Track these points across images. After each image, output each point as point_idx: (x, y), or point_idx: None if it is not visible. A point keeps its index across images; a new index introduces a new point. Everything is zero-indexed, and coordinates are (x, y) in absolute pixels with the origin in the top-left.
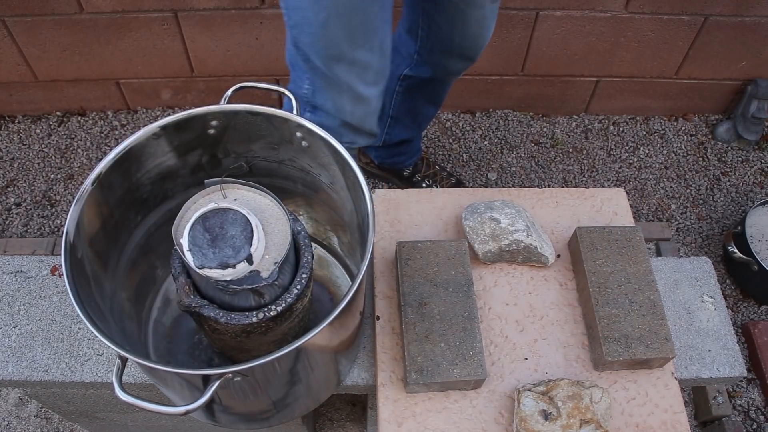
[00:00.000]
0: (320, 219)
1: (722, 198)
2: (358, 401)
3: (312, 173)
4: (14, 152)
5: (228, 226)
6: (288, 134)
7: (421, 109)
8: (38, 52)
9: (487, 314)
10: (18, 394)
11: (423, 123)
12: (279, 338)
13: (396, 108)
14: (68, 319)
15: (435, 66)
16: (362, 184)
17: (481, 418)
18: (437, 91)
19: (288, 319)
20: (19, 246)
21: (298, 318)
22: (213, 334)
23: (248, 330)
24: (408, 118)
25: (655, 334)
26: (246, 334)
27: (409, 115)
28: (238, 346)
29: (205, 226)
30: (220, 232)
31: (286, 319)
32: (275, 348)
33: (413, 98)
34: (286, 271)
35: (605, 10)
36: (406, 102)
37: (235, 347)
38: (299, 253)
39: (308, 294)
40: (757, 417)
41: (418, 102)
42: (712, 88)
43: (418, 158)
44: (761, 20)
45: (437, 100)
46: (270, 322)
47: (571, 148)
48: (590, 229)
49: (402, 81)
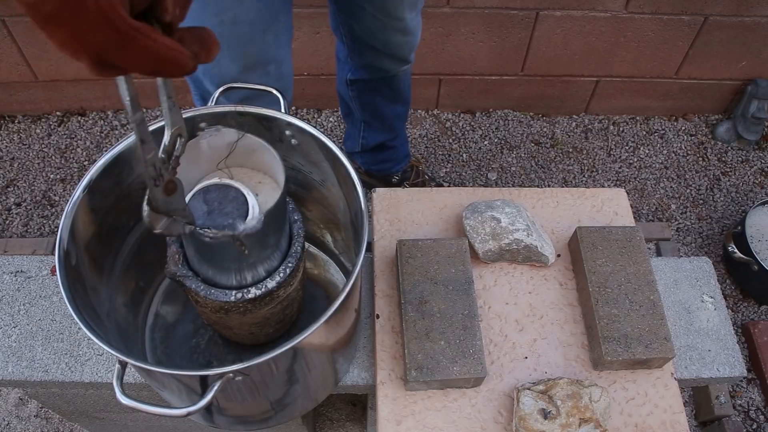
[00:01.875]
0: (313, 217)
1: (722, 198)
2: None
3: (303, 171)
4: (14, 152)
5: (226, 203)
6: (277, 133)
7: (386, 110)
8: (38, 52)
9: (487, 313)
10: (18, 394)
11: (395, 123)
12: (260, 321)
13: (362, 112)
14: (68, 319)
15: (370, 68)
16: (354, 180)
17: (480, 416)
18: (392, 90)
19: (268, 304)
20: (19, 246)
21: (282, 306)
22: (197, 305)
23: (226, 308)
24: (376, 120)
25: (654, 334)
26: (224, 311)
27: (377, 118)
28: (219, 321)
29: (205, 198)
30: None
31: (266, 304)
32: (257, 329)
33: (372, 100)
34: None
35: (605, 10)
36: (368, 104)
37: (217, 322)
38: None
39: (293, 283)
40: (757, 417)
41: (379, 103)
42: (712, 88)
43: (407, 165)
44: (761, 20)
45: (398, 98)
46: (248, 304)
47: (571, 148)
48: (590, 229)
49: (350, 85)
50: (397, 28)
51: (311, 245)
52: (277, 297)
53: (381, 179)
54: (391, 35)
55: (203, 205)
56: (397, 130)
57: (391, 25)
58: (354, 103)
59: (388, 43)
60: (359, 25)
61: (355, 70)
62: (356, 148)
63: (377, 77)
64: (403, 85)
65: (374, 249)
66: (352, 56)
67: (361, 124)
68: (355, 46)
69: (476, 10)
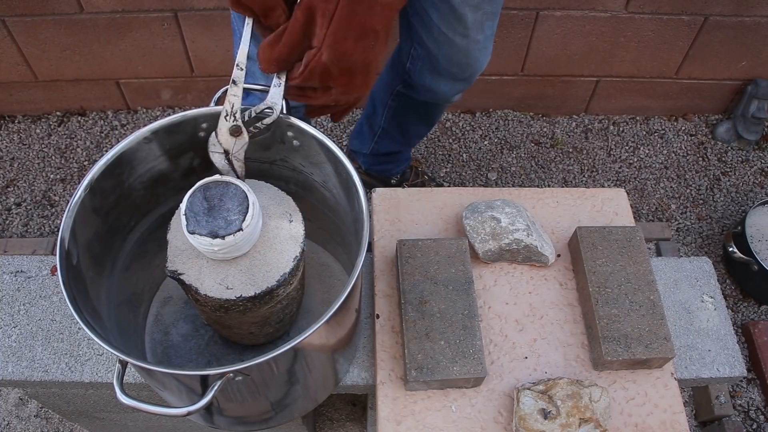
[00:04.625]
0: (314, 218)
1: (722, 198)
2: (358, 401)
3: (304, 173)
4: (14, 152)
5: (226, 199)
6: (279, 134)
7: (412, 127)
8: (38, 52)
9: (487, 313)
10: (18, 394)
11: (413, 139)
12: (259, 320)
13: (387, 121)
14: (68, 319)
15: (425, 89)
16: (355, 182)
17: (480, 416)
18: (429, 113)
19: (268, 303)
20: (19, 246)
21: (281, 304)
22: (197, 304)
23: (225, 306)
24: (397, 132)
25: (654, 334)
26: (224, 309)
27: (399, 130)
28: (219, 320)
29: (205, 195)
30: (218, 204)
31: (266, 302)
32: (256, 329)
33: (404, 115)
34: None
35: (605, 10)
36: (397, 117)
37: (217, 321)
38: None
39: (293, 283)
40: (757, 417)
41: (409, 119)
42: (712, 88)
43: (407, 167)
44: (761, 20)
45: (429, 121)
46: (248, 303)
47: (571, 148)
48: (590, 229)
49: (394, 97)
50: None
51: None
52: (277, 296)
53: (380, 180)
54: (454, 52)
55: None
56: (413, 144)
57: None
58: (386, 111)
59: (451, 61)
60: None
61: (408, 87)
62: (365, 149)
63: (426, 100)
64: (439, 111)
65: (374, 249)
66: (413, 73)
67: (379, 130)
68: (418, 63)
69: None
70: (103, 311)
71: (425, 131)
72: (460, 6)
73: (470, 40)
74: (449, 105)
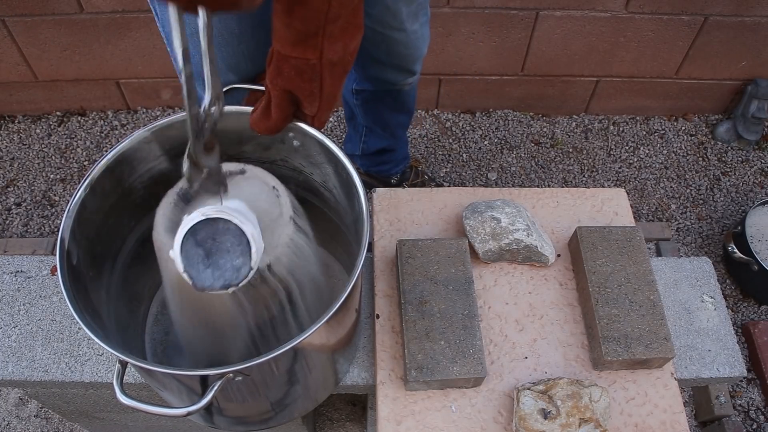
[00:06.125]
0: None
1: (722, 198)
2: (358, 401)
3: (305, 173)
4: (14, 152)
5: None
6: (280, 135)
7: (389, 119)
8: (38, 52)
9: (487, 313)
10: (18, 394)
11: (397, 130)
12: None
13: (365, 118)
14: (68, 319)
15: (375, 80)
16: (355, 182)
17: (480, 416)
18: (398, 100)
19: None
20: (19, 246)
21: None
22: None
23: None
24: (378, 127)
25: (654, 334)
26: None
27: (379, 125)
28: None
29: (196, 240)
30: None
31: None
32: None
33: (377, 109)
34: None
35: (605, 10)
36: (371, 112)
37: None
38: None
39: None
40: (757, 417)
41: (383, 112)
42: (712, 88)
43: (406, 166)
44: (761, 20)
45: (403, 108)
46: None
47: (571, 148)
48: (591, 229)
49: (356, 94)
50: (398, 40)
51: None
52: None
53: (380, 180)
54: (393, 47)
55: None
56: (399, 136)
57: (392, 37)
58: (358, 110)
59: (391, 54)
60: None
61: (360, 81)
62: (356, 151)
63: (382, 89)
64: (408, 97)
65: (374, 249)
66: (356, 68)
67: (363, 129)
68: (359, 58)
69: (476, 10)
70: (103, 311)
71: (405, 119)
72: (394, 3)
73: (407, 33)
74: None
